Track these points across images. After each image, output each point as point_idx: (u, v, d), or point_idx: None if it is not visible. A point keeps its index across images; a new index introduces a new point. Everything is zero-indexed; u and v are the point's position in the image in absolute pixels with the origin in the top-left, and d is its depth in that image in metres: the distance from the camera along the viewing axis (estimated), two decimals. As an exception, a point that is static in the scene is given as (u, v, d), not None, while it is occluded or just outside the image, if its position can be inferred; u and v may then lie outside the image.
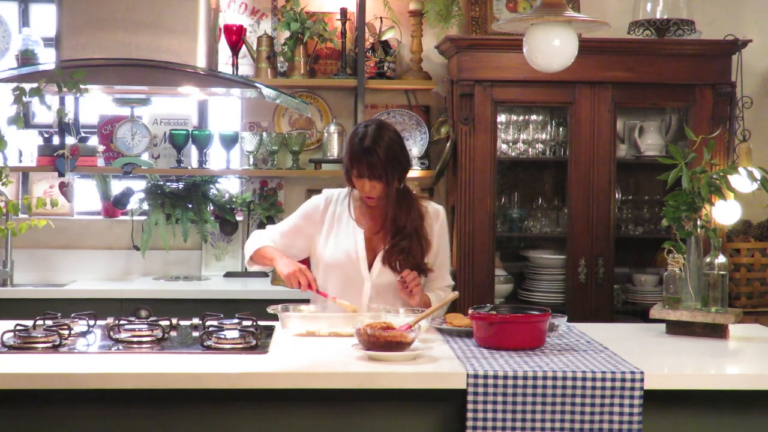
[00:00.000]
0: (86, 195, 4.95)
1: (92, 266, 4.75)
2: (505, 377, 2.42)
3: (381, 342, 2.55)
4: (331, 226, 3.24)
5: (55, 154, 4.47)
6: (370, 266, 3.18)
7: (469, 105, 4.39)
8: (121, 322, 2.87)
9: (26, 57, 4.56)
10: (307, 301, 3.28)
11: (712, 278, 3.05)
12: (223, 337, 2.71)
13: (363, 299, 3.17)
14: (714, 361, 2.75)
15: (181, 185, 4.81)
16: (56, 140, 4.62)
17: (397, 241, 3.15)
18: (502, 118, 4.60)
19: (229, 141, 4.66)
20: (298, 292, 3.15)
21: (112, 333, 2.76)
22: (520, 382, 2.42)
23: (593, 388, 2.43)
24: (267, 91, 4.13)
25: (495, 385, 2.41)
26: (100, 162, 4.66)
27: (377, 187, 3.11)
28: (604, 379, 2.43)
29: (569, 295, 4.48)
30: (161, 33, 3.89)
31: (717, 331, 3.02)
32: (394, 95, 4.92)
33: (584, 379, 2.43)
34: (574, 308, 4.41)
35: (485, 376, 2.41)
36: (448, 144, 4.53)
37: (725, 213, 4.06)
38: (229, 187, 4.95)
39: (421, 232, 3.19)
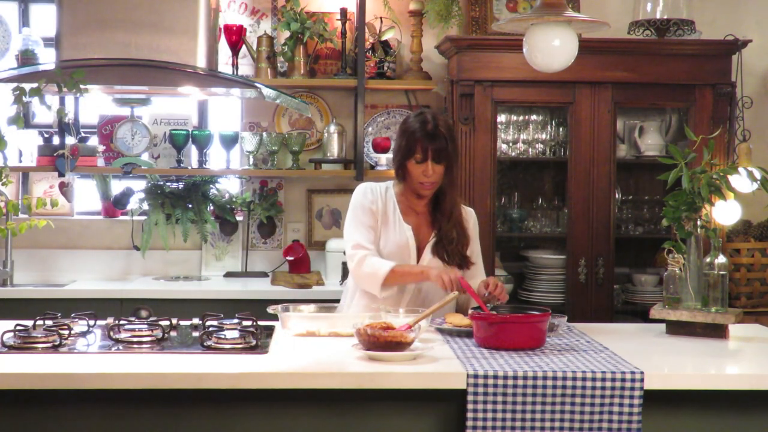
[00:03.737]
0: (86, 195, 4.95)
1: (92, 266, 4.75)
2: (505, 377, 2.42)
3: (381, 342, 2.55)
4: (381, 221, 3.26)
5: (55, 154, 4.47)
6: (417, 260, 3.23)
7: (469, 105, 4.39)
8: (121, 322, 2.87)
9: (26, 57, 4.56)
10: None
11: (712, 278, 3.05)
12: (223, 337, 2.71)
13: (407, 292, 3.21)
14: (714, 361, 2.75)
15: (181, 185, 4.81)
16: (56, 140, 4.62)
17: (446, 231, 3.22)
18: (502, 118, 4.60)
19: (229, 141, 4.66)
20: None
21: (112, 333, 2.76)
22: (520, 382, 2.42)
23: (593, 388, 2.43)
24: (267, 91, 4.13)
25: (495, 385, 2.41)
26: (100, 162, 4.66)
27: (437, 171, 3.16)
28: (604, 379, 2.43)
29: (569, 295, 4.48)
30: (161, 33, 3.89)
31: (717, 331, 3.02)
32: (394, 95, 4.92)
33: (584, 379, 2.43)
34: (574, 308, 4.41)
35: (485, 376, 2.41)
36: (448, 144, 4.53)
37: (725, 213, 4.07)
38: (229, 187, 4.95)
39: (463, 224, 3.28)
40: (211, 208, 4.81)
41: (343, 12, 4.73)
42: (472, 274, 3.28)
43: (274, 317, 3.03)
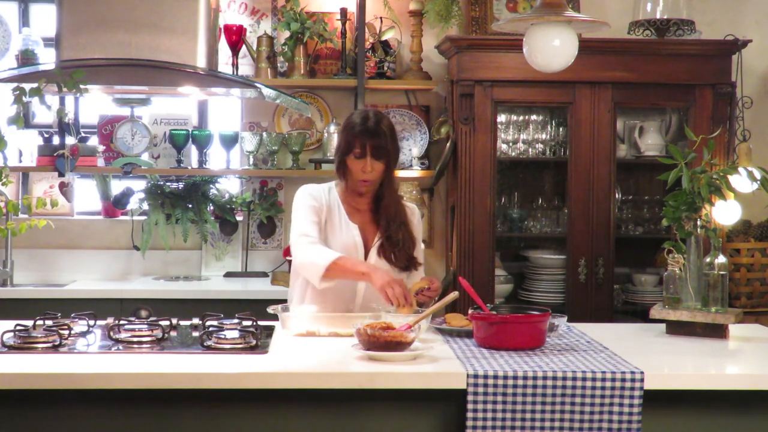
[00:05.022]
0: (86, 195, 4.95)
1: (92, 266, 4.75)
2: (505, 377, 2.42)
3: (381, 342, 2.55)
4: (327, 220, 3.21)
5: (55, 154, 4.47)
6: (365, 260, 3.18)
7: (469, 105, 4.39)
8: (121, 322, 2.87)
9: (26, 57, 4.56)
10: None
11: (712, 278, 3.05)
12: (223, 337, 2.71)
13: (358, 292, 3.17)
14: (714, 361, 2.75)
15: (181, 185, 4.81)
16: (56, 140, 4.62)
17: (391, 233, 3.17)
18: (502, 118, 4.60)
19: (229, 141, 4.66)
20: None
21: (112, 333, 2.76)
22: (520, 382, 2.42)
23: (593, 388, 2.42)
24: (267, 91, 4.13)
25: (495, 385, 2.41)
26: (100, 162, 4.66)
27: (376, 169, 3.11)
28: (604, 379, 2.43)
29: (569, 295, 4.48)
30: (161, 33, 3.90)
31: (717, 331, 3.02)
32: (394, 95, 4.92)
33: (584, 379, 2.43)
34: (574, 308, 4.40)
35: (485, 376, 2.41)
36: (448, 144, 4.53)
37: (725, 213, 4.06)
38: (229, 187, 4.95)
39: (409, 226, 3.23)
40: (211, 208, 4.81)
41: (343, 12, 4.73)
42: (415, 274, 3.23)
43: (274, 317, 3.03)
